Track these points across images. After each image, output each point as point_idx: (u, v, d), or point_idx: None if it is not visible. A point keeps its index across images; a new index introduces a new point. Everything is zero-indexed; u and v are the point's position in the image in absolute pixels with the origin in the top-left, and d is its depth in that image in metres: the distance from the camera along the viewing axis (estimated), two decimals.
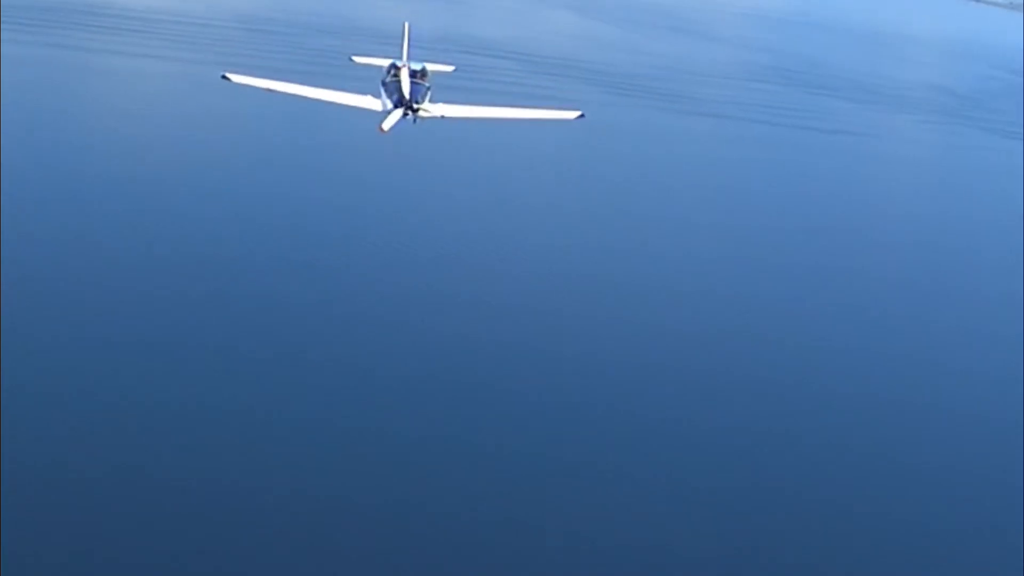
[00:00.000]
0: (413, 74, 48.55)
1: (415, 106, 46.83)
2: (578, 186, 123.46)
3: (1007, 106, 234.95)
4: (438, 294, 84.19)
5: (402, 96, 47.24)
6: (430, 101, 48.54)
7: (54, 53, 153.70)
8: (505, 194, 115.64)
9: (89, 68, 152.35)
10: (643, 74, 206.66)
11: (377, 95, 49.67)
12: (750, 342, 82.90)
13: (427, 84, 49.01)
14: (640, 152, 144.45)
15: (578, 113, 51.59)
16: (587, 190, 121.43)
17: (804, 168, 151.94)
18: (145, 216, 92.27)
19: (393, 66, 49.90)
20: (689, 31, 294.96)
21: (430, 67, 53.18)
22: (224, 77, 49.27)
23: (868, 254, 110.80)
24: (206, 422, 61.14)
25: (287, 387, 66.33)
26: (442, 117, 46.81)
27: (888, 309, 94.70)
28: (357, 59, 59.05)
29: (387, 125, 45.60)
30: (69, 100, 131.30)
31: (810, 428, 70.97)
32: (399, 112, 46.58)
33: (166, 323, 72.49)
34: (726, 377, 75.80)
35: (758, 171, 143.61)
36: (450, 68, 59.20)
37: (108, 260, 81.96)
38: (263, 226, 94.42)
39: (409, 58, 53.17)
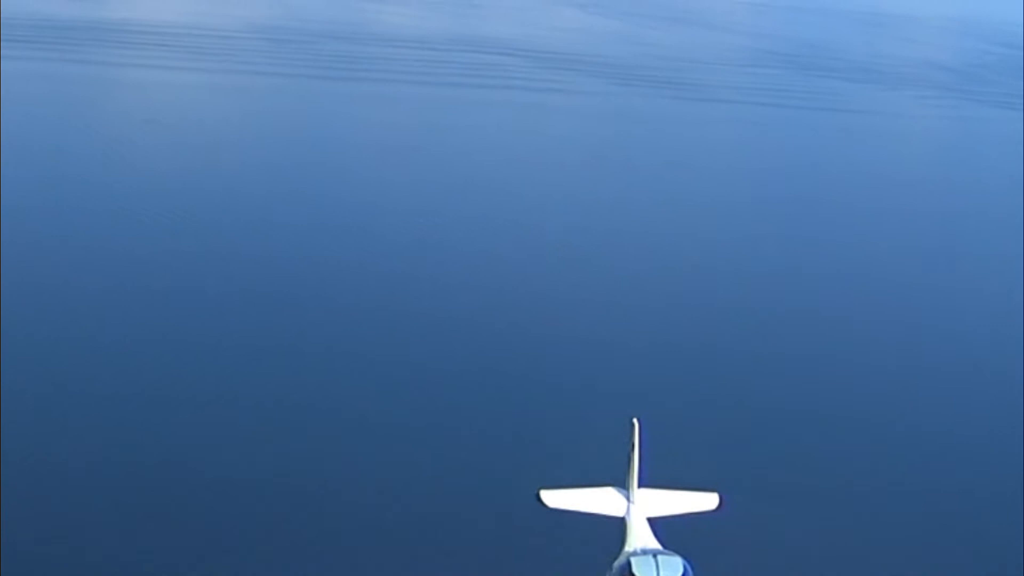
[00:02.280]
0: None
1: None
2: (592, 172, 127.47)
3: (1005, 79, 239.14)
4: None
5: None
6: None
7: (80, 69, 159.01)
8: (517, 182, 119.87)
9: (116, 82, 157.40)
10: (647, 64, 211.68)
11: None
12: (761, 316, 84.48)
13: None
14: (650, 138, 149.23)
15: None
16: (600, 176, 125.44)
17: (807, 147, 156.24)
18: (162, 223, 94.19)
19: (627, 570, 30.96)
20: (689, 21, 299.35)
21: (682, 500, 36.61)
22: None
23: (874, 228, 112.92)
24: (210, 415, 61.89)
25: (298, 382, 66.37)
26: None
27: (894, 281, 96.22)
28: (548, 499, 36.29)
29: None
30: (95, 113, 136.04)
31: (814, 398, 71.70)
32: None
33: (168, 323, 73.52)
34: (732, 351, 76.82)
35: (762, 152, 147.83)
36: (713, 501, 38.09)
37: (127, 266, 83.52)
38: (278, 226, 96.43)
39: (639, 477, 35.89)
